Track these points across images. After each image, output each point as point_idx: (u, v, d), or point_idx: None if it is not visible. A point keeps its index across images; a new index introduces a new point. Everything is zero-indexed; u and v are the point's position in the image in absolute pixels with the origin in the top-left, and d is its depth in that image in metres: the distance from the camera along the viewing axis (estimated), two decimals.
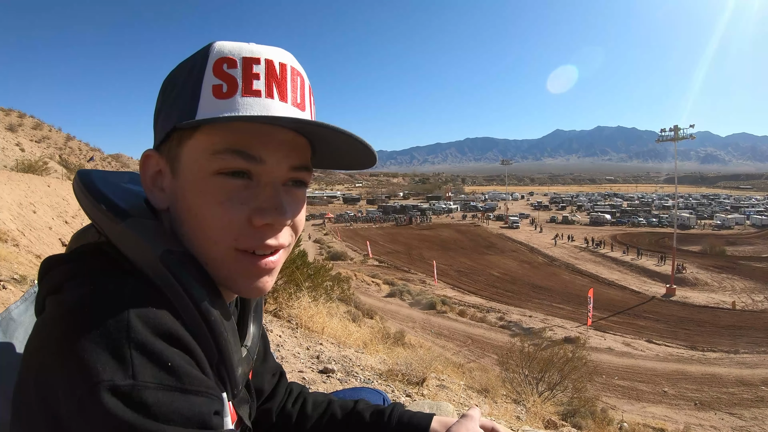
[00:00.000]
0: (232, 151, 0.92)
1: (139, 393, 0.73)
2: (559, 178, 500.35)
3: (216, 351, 0.94)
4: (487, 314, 41.71)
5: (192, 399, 0.79)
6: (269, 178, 0.97)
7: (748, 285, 54.01)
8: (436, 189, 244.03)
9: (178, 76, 0.99)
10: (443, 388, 6.99)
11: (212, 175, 0.92)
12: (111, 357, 0.74)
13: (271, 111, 0.94)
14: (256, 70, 0.94)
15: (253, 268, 0.98)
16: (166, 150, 0.99)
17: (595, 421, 12.09)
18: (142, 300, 0.83)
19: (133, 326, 0.78)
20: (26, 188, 16.79)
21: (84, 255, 0.98)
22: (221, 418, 0.91)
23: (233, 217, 0.93)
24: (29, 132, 53.06)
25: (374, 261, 67.75)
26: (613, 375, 29.21)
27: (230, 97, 0.92)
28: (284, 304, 8.94)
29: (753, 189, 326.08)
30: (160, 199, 1.01)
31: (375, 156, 1.06)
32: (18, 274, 7.38)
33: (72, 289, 0.86)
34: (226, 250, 0.95)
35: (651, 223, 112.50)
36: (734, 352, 33.68)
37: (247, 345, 1.19)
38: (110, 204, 0.99)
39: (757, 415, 24.62)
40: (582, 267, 65.49)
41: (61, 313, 0.82)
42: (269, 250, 0.99)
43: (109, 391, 0.72)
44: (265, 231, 0.97)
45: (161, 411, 0.74)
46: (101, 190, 1.03)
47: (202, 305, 0.91)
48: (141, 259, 0.93)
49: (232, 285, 1.00)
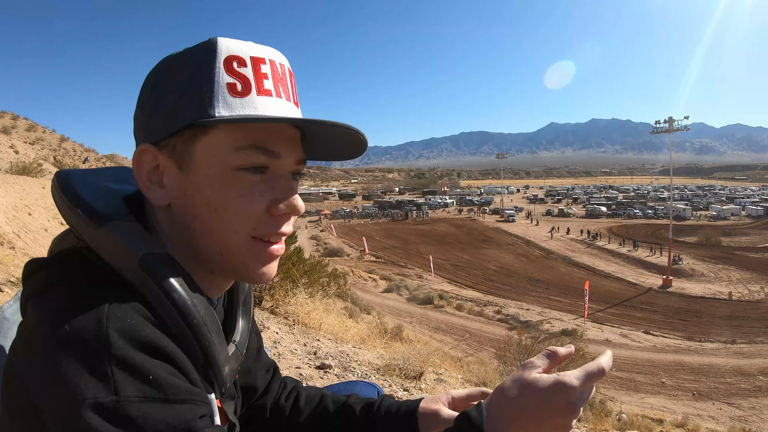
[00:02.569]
0: (255, 147, 0.96)
1: (123, 408, 0.74)
2: (555, 171, 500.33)
3: (200, 353, 0.94)
4: (485, 308, 41.80)
5: (176, 408, 0.80)
6: (282, 171, 1.03)
7: (744, 275, 54.29)
8: (431, 184, 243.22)
9: (179, 70, 0.98)
10: (441, 382, 7.01)
11: (234, 170, 0.96)
12: (92, 374, 0.75)
13: (283, 110, 1.01)
14: (263, 70, 0.99)
15: (265, 255, 1.04)
16: (169, 145, 0.98)
17: (593, 412, 12.09)
18: (121, 311, 0.83)
19: (113, 342, 0.78)
20: (21, 190, 16.74)
21: (64, 261, 0.98)
22: (209, 419, 0.89)
23: (254, 208, 0.98)
24: (23, 134, 52.89)
25: (371, 257, 67.75)
26: (610, 367, 29.20)
27: (246, 95, 0.96)
28: (281, 301, 8.93)
29: (748, 179, 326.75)
30: (160, 196, 1.01)
31: (366, 143, 1.10)
32: (14, 276, 7.39)
33: (52, 299, 0.87)
34: (245, 238, 1.00)
35: (647, 215, 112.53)
36: (731, 343, 33.86)
37: (236, 340, 1.21)
38: (87, 208, 0.99)
39: (755, 404, 24.79)
40: (578, 259, 65.64)
41: (42, 326, 0.82)
42: (281, 237, 1.06)
43: (93, 409, 0.73)
44: (280, 220, 1.03)
45: (147, 423, 0.75)
46: (78, 193, 1.03)
47: (184, 308, 0.91)
48: (120, 264, 0.93)
49: (245, 272, 1.04)
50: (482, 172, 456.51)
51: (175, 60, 1.00)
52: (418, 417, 1.36)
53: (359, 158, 1.18)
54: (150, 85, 1.02)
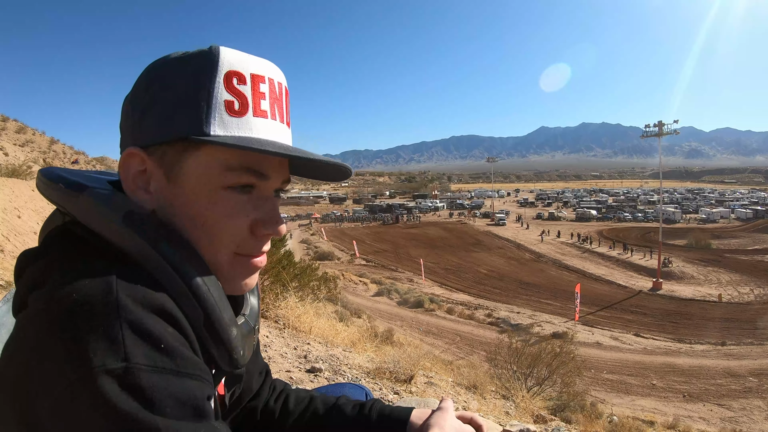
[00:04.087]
0: (247, 169, 0.97)
1: (132, 376, 0.71)
2: (545, 175, 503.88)
3: (200, 310, 0.91)
4: (475, 311, 41.82)
5: (186, 382, 0.77)
6: (269, 192, 1.04)
7: (733, 277, 54.68)
8: (422, 187, 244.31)
9: (177, 77, 0.96)
10: (431, 385, 7.01)
11: (222, 188, 0.96)
12: (101, 338, 0.72)
13: (277, 133, 1.01)
14: (262, 89, 0.99)
15: (248, 269, 1.05)
16: (159, 152, 0.96)
17: (584, 415, 12.12)
18: (129, 277, 0.82)
19: (122, 304, 0.76)
20: (10, 193, 16.60)
21: (56, 244, 0.96)
22: (212, 405, 0.85)
23: (239, 227, 0.99)
24: (12, 136, 52.45)
25: (361, 260, 67.88)
26: (601, 369, 29.41)
27: (242, 116, 0.96)
28: (271, 305, 8.89)
29: (737, 183, 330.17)
30: (145, 201, 0.99)
31: (351, 172, 1.14)
32: (3, 280, 7.31)
33: (55, 282, 0.83)
34: (228, 255, 1.01)
35: (637, 218, 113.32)
36: (721, 344, 34.10)
37: (245, 313, 1.16)
38: (68, 182, 0.98)
39: (746, 405, 24.96)
40: (569, 262, 65.92)
41: (45, 306, 0.79)
42: (263, 254, 1.07)
43: (102, 376, 0.70)
44: (263, 239, 1.04)
45: (156, 396, 0.72)
46: (61, 174, 1.02)
47: (175, 260, 0.90)
48: (106, 228, 0.92)
49: (226, 284, 1.02)
50: (473, 175, 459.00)
51: (172, 64, 0.98)
52: (409, 427, 1.33)
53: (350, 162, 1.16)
54: (145, 84, 0.99)
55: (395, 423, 1.34)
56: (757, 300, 45.60)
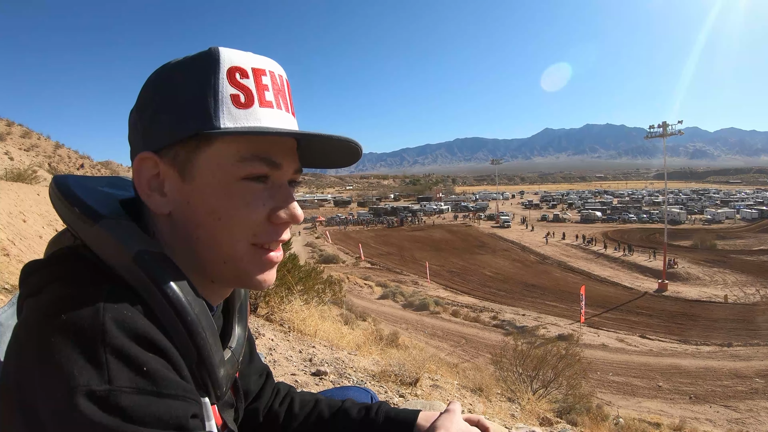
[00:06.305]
0: (259, 158, 0.99)
1: (115, 397, 0.74)
2: (550, 177, 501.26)
3: (195, 351, 0.94)
4: (481, 314, 41.72)
5: (168, 402, 0.80)
6: (282, 180, 1.06)
7: (739, 278, 54.27)
8: (426, 190, 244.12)
9: (181, 79, 0.99)
10: (437, 388, 7.00)
11: (238, 180, 0.98)
12: (87, 362, 0.75)
13: (284, 121, 1.04)
14: (264, 81, 1.02)
15: (265, 262, 1.06)
16: (171, 154, 0.99)
17: (590, 417, 12.10)
18: (117, 303, 0.83)
19: (108, 330, 0.78)
20: (16, 197, 16.64)
21: (61, 259, 0.98)
22: (200, 422, 0.88)
23: (257, 217, 1.01)
24: (18, 140, 52.57)
25: (366, 263, 67.84)
26: (607, 371, 29.31)
27: (249, 107, 0.98)
28: (276, 308, 8.92)
29: (742, 183, 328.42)
30: (161, 204, 1.01)
31: (360, 152, 1.14)
32: (9, 284, 7.32)
33: (49, 294, 0.87)
34: (246, 246, 1.02)
35: (641, 219, 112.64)
36: (727, 345, 33.86)
37: (232, 347, 1.20)
38: (83, 206, 0.99)
39: (752, 407, 24.80)
40: (574, 264, 65.60)
41: (38, 317, 0.82)
42: (279, 245, 1.09)
43: (86, 396, 0.72)
44: (280, 228, 1.06)
45: (137, 415, 0.75)
46: (76, 193, 1.03)
47: (178, 305, 0.91)
48: (116, 261, 0.93)
49: (247, 279, 1.06)
50: (477, 178, 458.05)
51: (176, 68, 1.01)
52: (416, 429, 1.34)
53: (354, 165, 1.21)
54: (150, 92, 1.02)
55: (402, 426, 1.35)
56: (763, 300, 45.17)
